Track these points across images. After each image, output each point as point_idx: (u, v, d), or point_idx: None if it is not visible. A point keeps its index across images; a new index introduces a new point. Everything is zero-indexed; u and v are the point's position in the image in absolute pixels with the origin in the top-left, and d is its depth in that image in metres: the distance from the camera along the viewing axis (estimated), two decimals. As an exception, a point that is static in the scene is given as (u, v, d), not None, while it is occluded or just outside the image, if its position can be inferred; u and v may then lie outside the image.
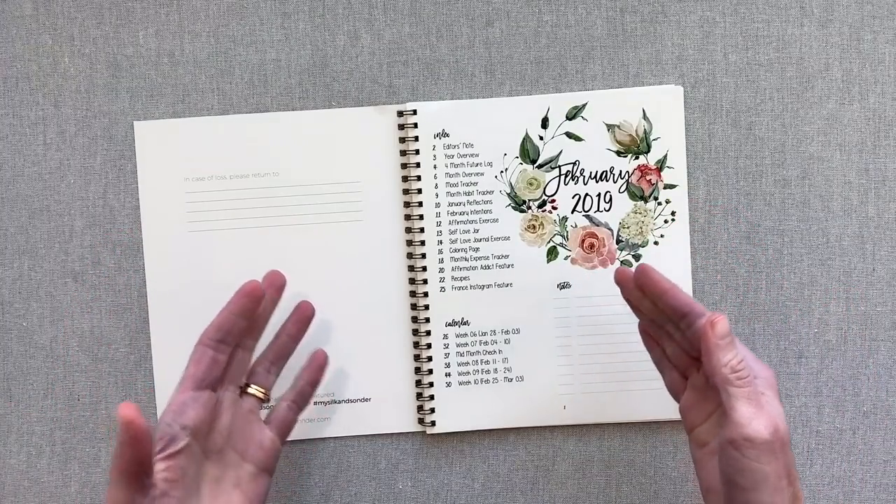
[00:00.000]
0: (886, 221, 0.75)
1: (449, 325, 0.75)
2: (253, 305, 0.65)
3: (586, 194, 0.74)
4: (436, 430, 0.75)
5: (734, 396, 0.59)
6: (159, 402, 0.75)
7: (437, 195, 0.74)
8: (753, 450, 0.57)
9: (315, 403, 0.75)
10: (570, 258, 0.75)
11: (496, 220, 0.75)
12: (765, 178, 0.75)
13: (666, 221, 0.74)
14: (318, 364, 0.71)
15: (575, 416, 0.75)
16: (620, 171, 0.74)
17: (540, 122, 0.74)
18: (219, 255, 0.75)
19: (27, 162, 0.75)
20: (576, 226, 0.75)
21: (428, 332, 0.75)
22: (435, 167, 0.74)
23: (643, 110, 0.74)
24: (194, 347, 0.63)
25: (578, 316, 0.75)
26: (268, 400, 0.68)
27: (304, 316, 0.71)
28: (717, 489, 0.61)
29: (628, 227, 0.74)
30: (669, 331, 0.66)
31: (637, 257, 0.74)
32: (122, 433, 0.54)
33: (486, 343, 0.75)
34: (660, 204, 0.74)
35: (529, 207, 0.75)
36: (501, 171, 0.74)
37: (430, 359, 0.75)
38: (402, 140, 0.74)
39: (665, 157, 0.74)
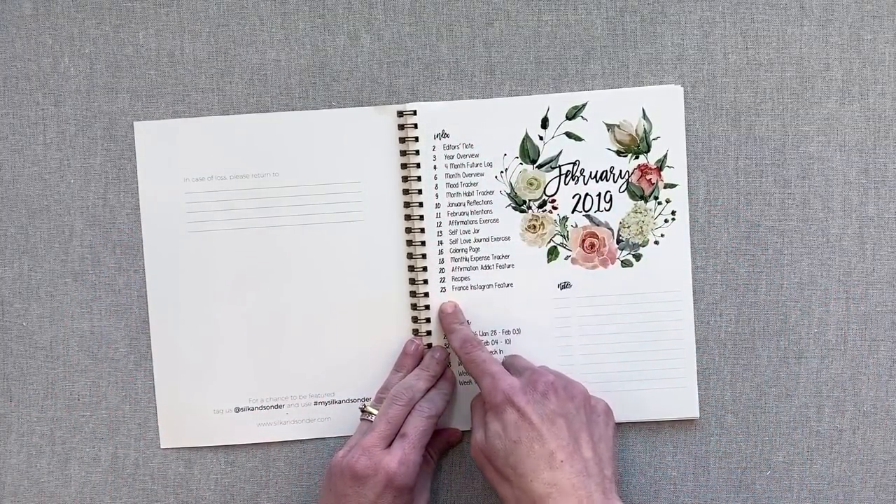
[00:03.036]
0: (886, 221, 0.75)
1: (449, 325, 0.75)
2: None
3: (586, 194, 0.74)
4: (437, 429, 0.75)
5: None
6: (159, 403, 0.75)
7: (437, 195, 0.74)
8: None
9: (315, 403, 0.75)
10: (570, 258, 0.75)
11: (496, 221, 0.75)
12: (765, 178, 0.75)
13: (666, 221, 0.74)
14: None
15: (575, 416, 0.75)
16: (621, 171, 0.74)
17: (540, 122, 0.74)
18: (219, 255, 0.75)
19: (27, 162, 0.75)
20: (576, 226, 0.75)
21: (428, 332, 0.75)
22: (435, 167, 0.74)
23: (643, 110, 0.74)
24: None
25: (579, 316, 0.75)
26: None
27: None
28: None
29: (629, 227, 0.74)
30: None
31: (637, 257, 0.74)
32: None
33: (486, 343, 0.75)
34: (660, 203, 0.74)
35: (530, 207, 0.75)
36: (501, 172, 0.74)
37: (430, 359, 0.75)
38: (402, 140, 0.74)
39: (665, 156, 0.74)
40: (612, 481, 0.65)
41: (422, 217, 0.74)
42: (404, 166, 0.74)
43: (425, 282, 0.75)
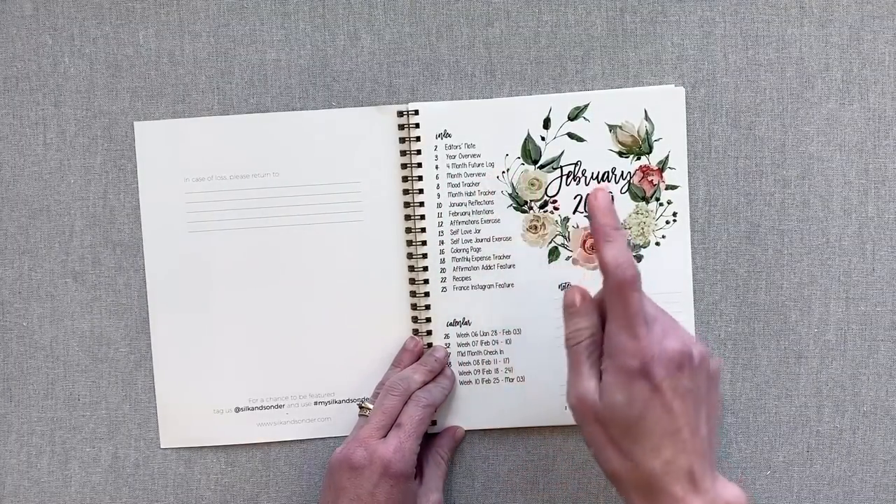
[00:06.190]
0: (886, 221, 0.75)
1: (450, 325, 0.75)
2: None
3: (588, 195, 0.74)
4: (436, 429, 0.75)
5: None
6: (159, 403, 0.75)
7: (438, 195, 0.74)
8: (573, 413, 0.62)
9: (315, 403, 0.75)
10: (571, 259, 0.75)
11: (498, 221, 0.75)
12: (765, 178, 0.75)
13: (667, 222, 0.74)
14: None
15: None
16: (622, 172, 0.74)
17: (542, 123, 0.74)
18: (219, 255, 0.75)
19: (27, 162, 0.75)
20: (577, 226, 0.75)
21: (429, 332, 0.75)
22: (437, 167, 0.74)
23: (645, 111, 0.74)
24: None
25: (579, 316, 0.75)
26: None
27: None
28: None
29: (630, 228, 0.74)
30: None
31: (638, 258, 0.74)
32: None
33: (486, 343, 0.75)
34: (661, 205, 0.74)
35: (531, 208, 0.75)
36: (503, 172, 0.74)
37: (430, 359, 0.75)
38: (403, 140, 0.74)
39: (666, 158, 0.74)
40: (714, 455, 0.60)
41: (423, 217, 0.74)
42: (405, 166, 0.74)
43: (425, 282, 0.75)
